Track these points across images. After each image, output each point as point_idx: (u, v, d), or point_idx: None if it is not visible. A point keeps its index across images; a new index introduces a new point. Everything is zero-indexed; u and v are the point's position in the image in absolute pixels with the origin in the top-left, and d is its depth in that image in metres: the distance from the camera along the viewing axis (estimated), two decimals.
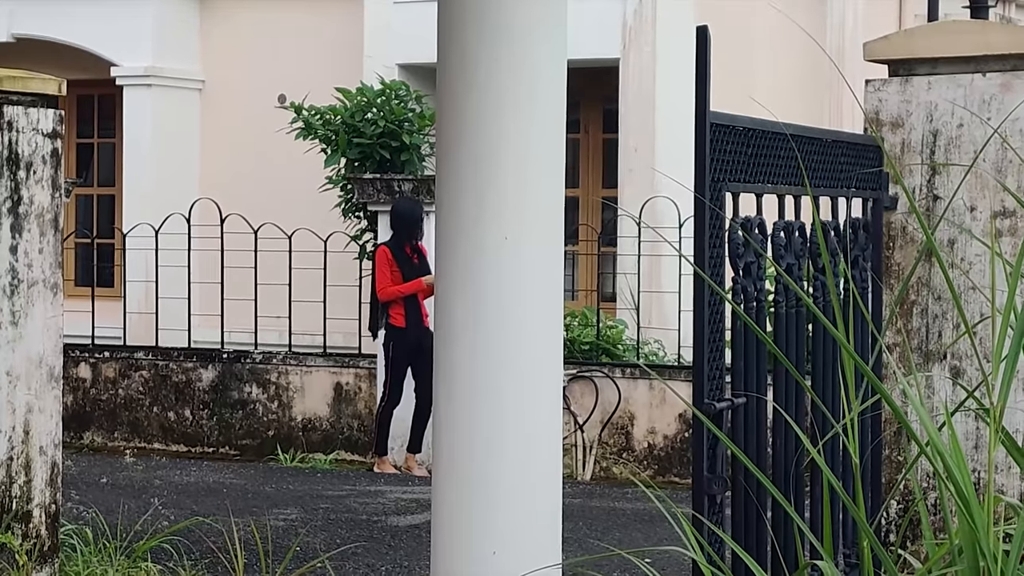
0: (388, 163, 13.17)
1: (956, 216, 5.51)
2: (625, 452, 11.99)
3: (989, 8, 6.16)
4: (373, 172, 13.01)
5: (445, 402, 4.33)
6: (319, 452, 12.94)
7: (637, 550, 3.95)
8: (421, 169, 13.23)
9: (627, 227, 13.47)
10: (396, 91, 13.38)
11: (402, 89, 13.46)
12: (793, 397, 4.88)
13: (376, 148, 13.09)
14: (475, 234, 4.26)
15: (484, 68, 4.25)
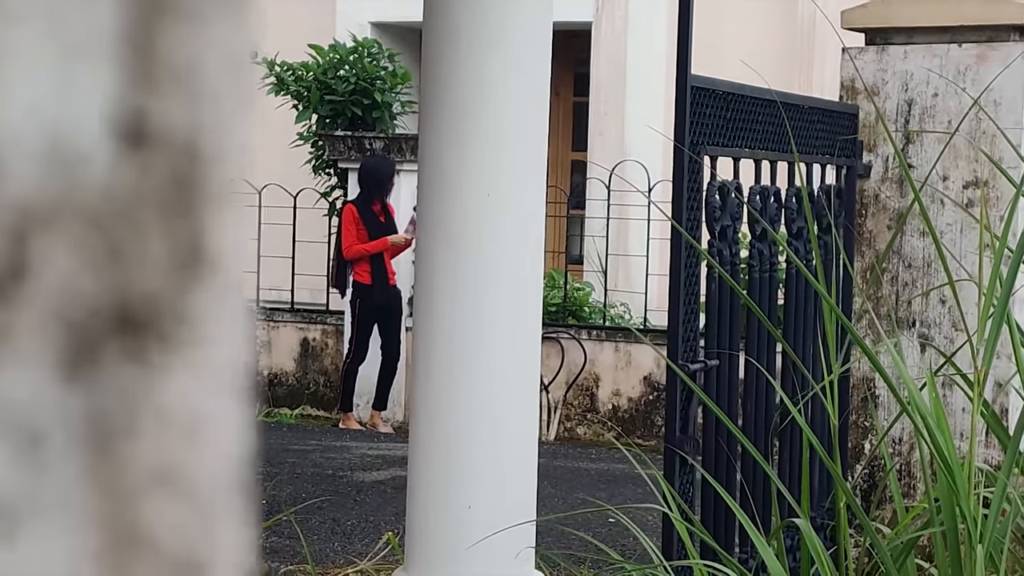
0: (359, 120, 13.14)
1: (928, 186, 5.54)
2: (590, 413, 12.03)
3: None
4: (344, 129, 12.98)
5: (424, 358, 4.33)
6: (285, 407, 12.94)
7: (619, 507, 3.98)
8: (392, 127, 13.21)
9: (596, 190, 13.49)
10: (368, 49, 13.34)
11: (374, 47, 13.42)
12: (764, 360, 4.91)
13: (348, 105, 13.06)
14: (457, 191, 4.26)
15: (470, 26, 4.25)
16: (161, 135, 0.45)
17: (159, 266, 0.45)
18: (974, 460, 3.11)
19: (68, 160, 0.43)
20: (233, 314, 0.47)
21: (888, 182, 5.67)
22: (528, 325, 4.39)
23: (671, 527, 4.11)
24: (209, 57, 0.47)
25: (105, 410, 0.44)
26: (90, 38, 0.43)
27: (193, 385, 0.46)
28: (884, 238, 5.64)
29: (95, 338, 0.44)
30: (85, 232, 0.43)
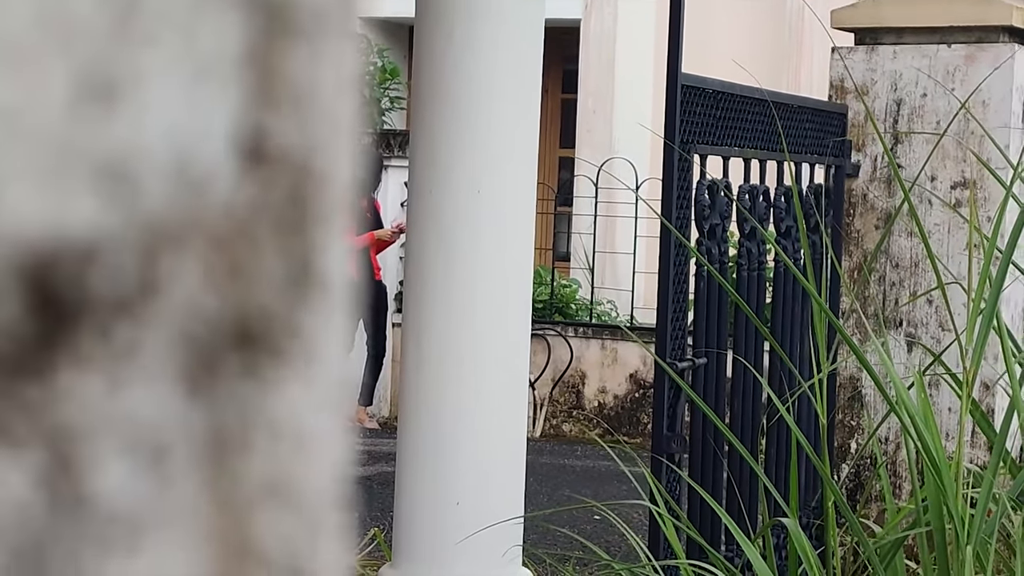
0: None
1: (917, 185, 5.56)
2: (575, 410, 12.05)
3: None
4: None
5: (414, 353, 4.35)
6: None
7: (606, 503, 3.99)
8: (380, 123, 13.22)
9: (583, 187, 13.50)
10: None
11: (363, 42, 13.43)
12: (752, 359, 4.92)
13: None
14: (448, 187, 4.27)
15: (461, 22, 4.26)
16: (280, 154, 0.47)
17: (274, 283, 0.47)
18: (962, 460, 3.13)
19: (195, 179, 0.45)
20: (337, 331, 0.49)
21: (876, 182, 5.70)
22: (517, 322, 4.41)
23: (658, 525, 4.12)
24: (324, 77, 0.48)
25: (223, 424, 0.45)
26: (218, 57, 0.45)
27: (302, 399, 0.48)
28: (872, 238, 5.66)
29: (215, 353, 0.45)
30: (209, 249, 0.45)
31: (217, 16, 0.44)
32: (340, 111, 0.49)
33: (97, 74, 0.43)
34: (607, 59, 14.46)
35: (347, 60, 0.49)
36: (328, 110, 0.49)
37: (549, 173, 15.85)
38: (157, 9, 0.44)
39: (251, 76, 0.46)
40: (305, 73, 0.47)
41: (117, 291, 0.43)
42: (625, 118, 14.12)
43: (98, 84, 0.43)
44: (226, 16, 0.45)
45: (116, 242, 0.43)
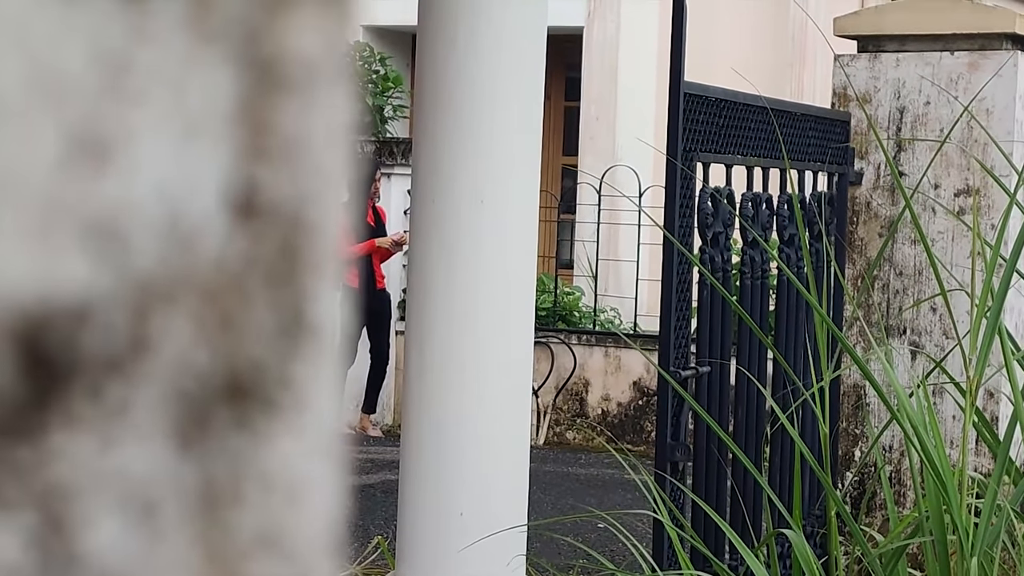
0: None
1: (920, 194, 5.56)
2: (579, 418, 12.04)
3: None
4: None
5: (417, 364, 4.35)
6: None
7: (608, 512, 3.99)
8: (383, 131, 13.22)
9: (587, 195, 13.50)
10: (360, 53, 13.36)
11: (366, 51, 13.44)
12: (756, 368, 4.92)
13: None
14: (451, 196, 4.27)
15: (464, 30, 4.26)
16: (271, 206, 0.47)
17: (266, 334, 0.47)
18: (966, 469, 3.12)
19: (186, 234, 0.45)
20: (328, 379, 0.49)
21: (880, 189, 5.69)
22: (520, 330, 4.40)
23: (662, 533, 4.12)
24: (316, 130, 0.48)
25: (215, 477, 0.46)
26: (209, 113, 0.45)
27: (294, 449, 0.48)
28: (876, 245, 5.66)
29: (206, 408, 0.45)
30: (200, 304, 0.45)
31: (208, 73, 0.44)
32: (330, 162, 0.49)
33: (87, 132, 0.43)
34: (610, 66, 14.47)
35: (338, 110, 0.50)
36: (319, 161, 0.49)
37: (552, 181, 15.85)
38: (148, 67, 0.44)
39: (242, 131, 0.46)
40: (296, 125, 0.48)
41: (108, 350, 0.43)
42: (628, 126, 14.12)
43: (88, 142, 0.43)
44: (217, 72, 0.45)
45: (107, 301, 0.43)
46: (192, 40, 0.44)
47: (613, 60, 14.46)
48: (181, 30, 0.44)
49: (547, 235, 14.92)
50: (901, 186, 3.79)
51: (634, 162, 12.68)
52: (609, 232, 13.38)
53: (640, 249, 12.06)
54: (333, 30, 0.49)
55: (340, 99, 0.50)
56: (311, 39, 0.48)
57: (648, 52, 14.32)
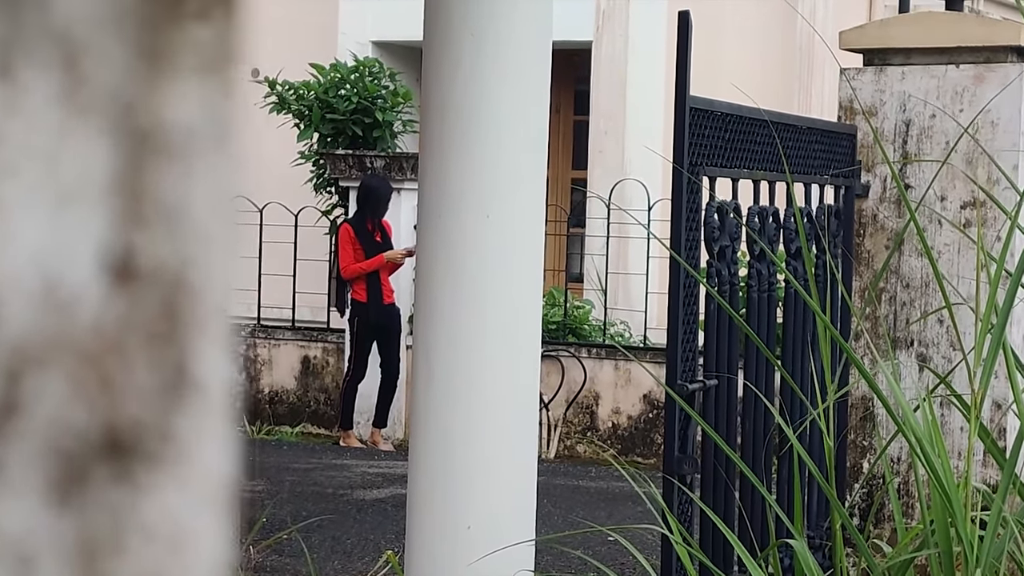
0: (360, 140, 13.15)
1: (926, 206, 5.53)
2: (589, 431, 12.02)
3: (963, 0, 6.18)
4: (345, 148, 12.99)
5: (424, 379, 4.33)
6: (285, 425, 12.93)
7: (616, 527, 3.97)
8: (393, 146, 13.22)
9: (596, 208, 13.49)
10: (370, 68, 13.36)
11: (375, 66, 13.44)
12: (763, 381, 4.90)
13: (349, 124, 13.08)
14: (457, 212, 4.26)
15: (469, 48, 4.25)
16: (150, 270, 0.48)
17: (146, 392, 0.48)
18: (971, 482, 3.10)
19: (61, 300, 0.46)
20: (216, 431, 0.50)
21: (886, 202, 5.67)
22: (527, 345, 4.39)
23: (670, 548, 4.10)
24: (197, 194, 0.50)
25: (93, 530, 0.46)
26: (83, 183, 0.46)
27: (177, 500, 0.49)
28: (882, 258, 5.64)
29: (84, 464, 0.46)
30: (76, 366, 0.46)
31: (82, 144, 0.45)
32: (214, 226, 0.50)
33: None
34: (619, 80, 14.46)
35: (222, 177, 0.50)
36: (201, 225, 0.49)
37: (562, 194, 15.84)
38: (19, 140, 0.44)
39: (119, 198, 0.47)
40: (177, 191, 0.49)
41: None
42: (637, 139, 14.10)
43: None
44: (92, 143, 0.46)
45: None
46: (66, 113, 0.45)
47: (622, 74, 14.45)
48: (54, 104, 0.45)
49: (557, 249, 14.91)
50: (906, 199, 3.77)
51: (643, 175, 12.67)
52: (618, 246, 13.37)
53: (649, 262, 12.04)
54: (215, 97, 0.49)
55: (224, 164, 0.50)
56: (191, 108, 0.48)
57: (657, 66, 14.31)
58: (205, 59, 0.48)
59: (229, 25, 0.49)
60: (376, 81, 13.26)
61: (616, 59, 14.49)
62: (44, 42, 0.44)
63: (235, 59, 0.50)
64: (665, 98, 13.76)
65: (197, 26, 0.48)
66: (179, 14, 0.47)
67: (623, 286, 13.64)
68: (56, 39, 0.44)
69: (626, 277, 13.54)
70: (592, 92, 14.67)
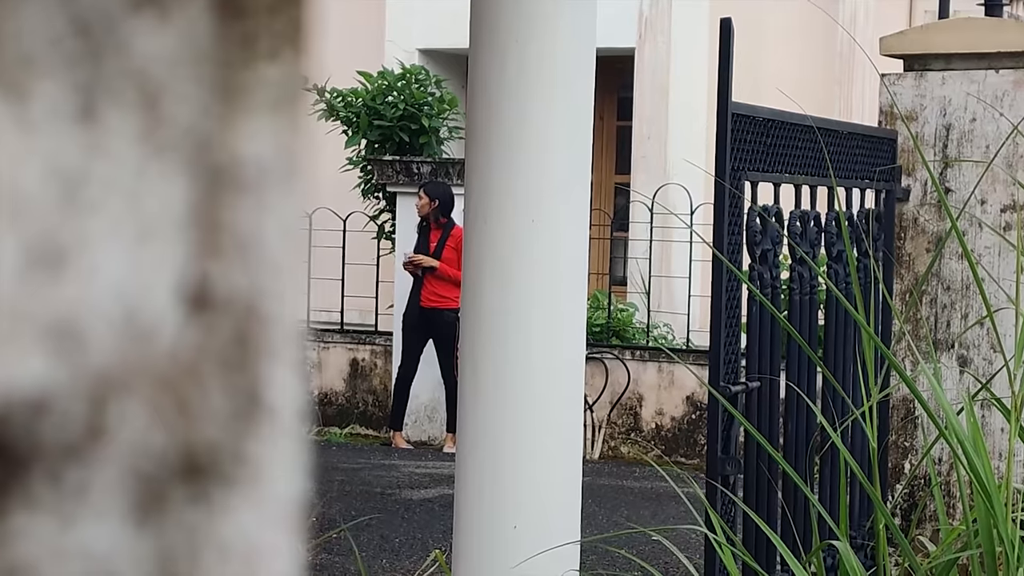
0: (407, 145, 13.18)
1: (967, 210, 5.51)
2: (633, 432, 12.01)
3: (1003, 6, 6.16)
4: (392, 154, 13.02)
5: (471, 381, 4.34)
6: (334, 426, 12.97)
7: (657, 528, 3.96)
8: (439, 152, 13.25)
9: (639, 213, 13.48)
10: (416, 75, 13.38)
11: (422, 73, 13.46)
12: (805, 383, 4.89)
13: (396, 131, 13.10)
14: (503, 217, 4.26)
15: (515, 55, 4.25)
16: (224, 299, 0.49)
17: (221, 416, 0.49)
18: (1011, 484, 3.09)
19: (141, 329, 0.47)
20: (287, 453, 0.51)
21: (927, 206, 5.65)
22: (572, 348, 4.39)
23: (713, 548, 4.10)
24: (268, 225, 0.51)
25: (172, 550, 0.47)
26: (162, 217, 0.48)
27: (250, 520, 0.50)
28: (923, 261, 5.61)
29: (163, 485, 0.47)
30: (155, 392, 0.47)
31: (161, 180, 0.47)
32: (283, 255, 0.52)
33: (46, 242, 0.45)
34: (661, 86, 14.44)
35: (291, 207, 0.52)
36: (272, 255, 0.51)
37: (605, 199, 15.83)
38: (103, 179, 0.46)
39: (195, 231, 0.48)
40: (250, 223, 0.51)
41: (66, 437, 0.45)
42: (679, 144, 14.09)
43: (46, 252, 0.45)
44: (169, 180, 0.47)
45: (64, 393, 0.45)
46: (145, 152, 0.46)
47: (664, 80, 14.44)
48: (134, 144, 0.46)
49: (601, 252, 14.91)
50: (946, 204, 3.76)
51: (685, 180, 12.65)
52: (661, 249, 13.35)
53: (692, 265, 12.02)
54: (284, 133, 0.51)
55: (294, 196, 0.52)
56: (263, 142, 0.50)
57: (699, 72, 14.28)
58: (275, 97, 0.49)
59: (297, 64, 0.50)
60: (422, 88, 13.29)
61: (658, 65, 14.47)
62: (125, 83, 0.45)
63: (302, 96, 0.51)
64: (708, 104, 13.74)
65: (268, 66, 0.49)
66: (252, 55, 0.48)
67: (666, 289, 13.62)
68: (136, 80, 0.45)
69: (669, 280, 13.52)
70: (635, 98, 14.66)
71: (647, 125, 14.51)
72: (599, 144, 16.10)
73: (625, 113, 15.46)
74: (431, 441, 12.25)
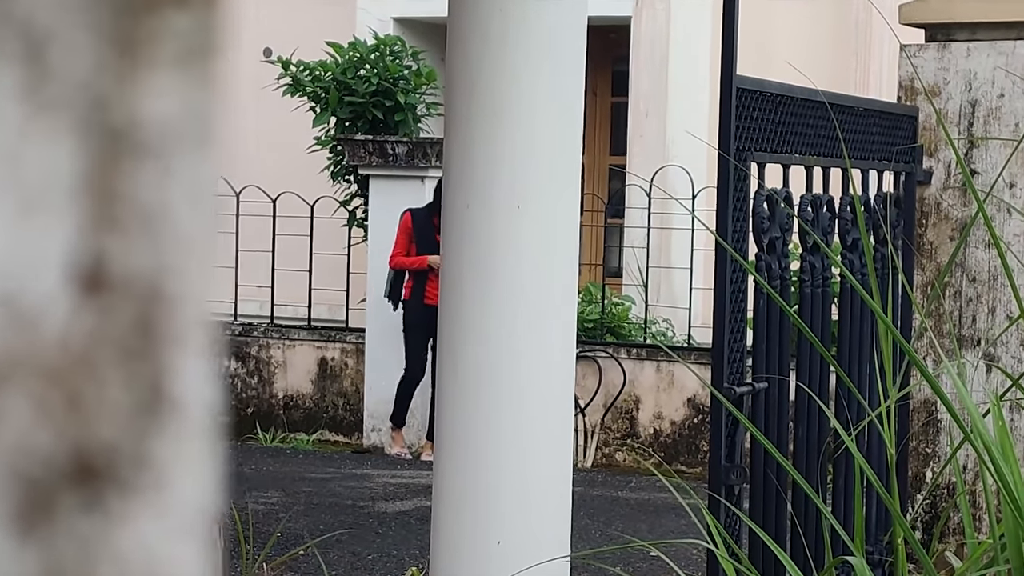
0: (381, 124, 13.16)
1: (995, 194, 5.51)
2: (629, 438, 12.01)
3: None
4: (365, 133, 13.00)
5: (450, 382, 4.33)
6: (301, 432, 12.96)
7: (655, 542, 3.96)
8: (417, 131, 13.23)
9: (636, 197, 13.48)
10: (391, 47, 13.37)
11: (397, 44, 13.45)
12: (818, 383, 4.88)
13: (368, 107, 13.09)
14: (485, 202, 4.25)
15: (498, 23, 4.24)
16: (123, 279, 0.48)
17: (119, 413, 0.47)
18: None
19: (24, 314, 0.45)
20: (196, 454, 0.49)
21: (951, 189, 5.65)
22: (561, 346, 4.38)
23: (716, 564, 4.09)
24: (174, 196, 0.49)
25: (61, 562, 0.46)
26: (48, 186, 0.46)
27: (153, 530, 0.48)
28: (947, 250, 5.61)
29: (50, 491, 0.46)
30: (41, 385, 0.45)
31: (48, 143, 0.44)
32: (193, 229, 0.49)
33: None
34: (660, 59, 14.44)
35: (202, 175, 0.49)
36: (181, 229, 0.49)
37: (599, 182, 15.83)
38: None
39: (89, 201, 0.46)
40: (153, 193, 0.48)
41: None
42: (680, 122, 14.08)
43: None
44: (58, 142, 0.45)
45: None
46: (27, 110, 0.44)
47: (663, 52, 14.43)
48: (14, 100, 0.44)
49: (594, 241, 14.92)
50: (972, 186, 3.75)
51: (687, 161, 12.65)
52: (660, 237, 13.35)
53: (694, 255, 12.02)
54: (196, 89, 0.49)
55: (206, 162, 0.49)
56: (169, 101, 0.48)
57: (702, 43, 14.28)
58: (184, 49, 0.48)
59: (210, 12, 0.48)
60: (398, 61, 13.27)
61: (657, 36, 14.46)
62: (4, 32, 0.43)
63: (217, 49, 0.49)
64: (711, 78, 13.73)
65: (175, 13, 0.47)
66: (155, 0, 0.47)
67: (665, 281, 13.62)
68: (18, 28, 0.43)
69: (668, 271, 13.52)
70: (631, 72, 14.65)
71: (645, 101, 14.50)
72: (592, 122, 16.10)
73: (621, 88, 15.46)
74: (408, 448, 12.24)
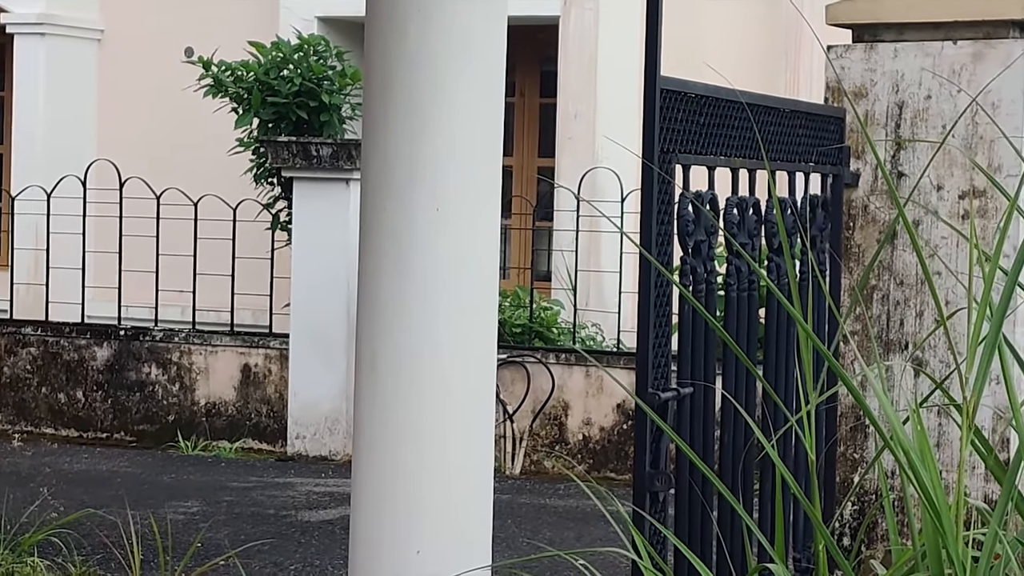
0: (305, 125, 13.13)
1: (922, 196, 5.54)
2: (558, 445, 12.02)
3: None
4: (289, 134, 12.96)
5: (368, 387, 4.32)
6: (224, 440, 12.90)
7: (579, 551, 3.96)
8: (342, 132, 13.20)
9: (565, 200, 13.49)
10: (315, 46, 13.33)
11: (321, 44, 13.41)
12: (743, 387, 4.90)
13: (292, 108, 13.05)
14: (404, 204, 4.25)
15: (416, 22, 4.24)
16: None
17: None
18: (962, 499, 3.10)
19: None
20: None
21: (878, 192, 5.68)
22: (482, 349, 4.38)
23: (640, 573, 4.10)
24: None
25: None
26: None
27: None
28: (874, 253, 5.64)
29: None
30: None
31: None
32: None
33: None
34: (589, 59, 14.46)
35: None
36: None
37: (527, 185, 15.84)
38: None
39: None
40: None
41: None
42: (609, 124, 14.11)
43: None
44: None
45: None
46: None
47: (592, 53, 14.45)
48: None
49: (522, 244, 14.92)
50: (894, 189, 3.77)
51: (616, 164, 12.67)
52: (589, 241, 13.37)
53: (623, 259, 12.04)
54: None
55: None
56: None
57: (631, 43, 14.31)
58: None
59: None
60: (322, 61, 13.23)
61: (586, 36, 14.49)
62: None
63: None
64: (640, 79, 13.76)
65: None
66: None
67: (595, 285, 13.64)
68: None
69: (598, 275, 13.54)
70: (560, 72, 14.66)
71: (573, 102, 14.51)
72: (520, 124, 16.11)
73: (549, 89, 15.46)
74: (332, 456, 12.21)
